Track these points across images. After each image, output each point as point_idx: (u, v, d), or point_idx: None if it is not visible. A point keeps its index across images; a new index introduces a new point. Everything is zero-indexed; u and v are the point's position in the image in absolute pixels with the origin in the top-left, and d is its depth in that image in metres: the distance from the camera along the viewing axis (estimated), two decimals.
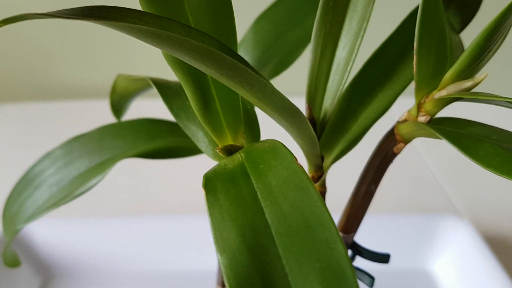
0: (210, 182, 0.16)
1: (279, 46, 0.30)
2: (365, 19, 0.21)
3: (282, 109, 0.18)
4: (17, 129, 0.76)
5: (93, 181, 0.28)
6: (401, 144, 0.22)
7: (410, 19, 0.25)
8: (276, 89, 0.17)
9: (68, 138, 0.31)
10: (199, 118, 0.19)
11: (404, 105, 0.26)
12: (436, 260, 0.45)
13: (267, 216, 0.15)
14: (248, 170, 0.17)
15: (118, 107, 0.31)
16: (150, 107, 0.49)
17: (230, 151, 0.19)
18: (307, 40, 0.29)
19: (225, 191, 0.16)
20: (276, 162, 0.16)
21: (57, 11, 0.13)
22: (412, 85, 0.23)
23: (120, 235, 0.46)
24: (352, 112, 0.24)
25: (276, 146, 0.17)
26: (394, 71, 0.24)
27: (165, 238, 0.46)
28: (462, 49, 0.23)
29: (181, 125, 0.21)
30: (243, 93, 0.18)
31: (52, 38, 0.83)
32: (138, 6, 0.17)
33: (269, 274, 0.14)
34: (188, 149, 0.30)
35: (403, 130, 0.22)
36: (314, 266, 0.14)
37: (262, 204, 0.15)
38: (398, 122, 0.22)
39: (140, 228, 0.47)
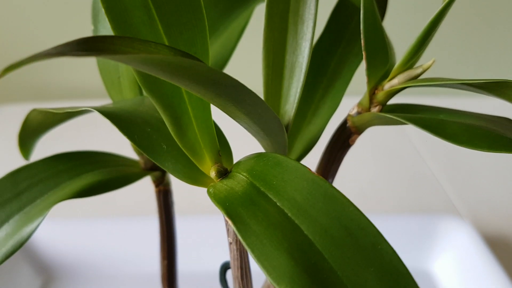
0: (231, 209, 0.15)
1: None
2: (309, 21, 0.22)
3: (266, 121, 0.18)
4: (16, 130, 0.67)
5: (23, 234, 0.24)
6: (355, 135, 0.24)
7: (332, 19, 0.26)
8: (264, 102, 0.17)
9: None
10: (179, 143, 0.18)
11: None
12: (436, 260, 0.46)
13: (306, 232, 0.14)
14: (262, 189, 0.16)
15: (27, 145, 0.27)
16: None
17: (221, 172, 0.18)
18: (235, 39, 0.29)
19: (253, 216, 0.15)
20: (290, 176, 0.16)
21: (56, 48, 0.11)
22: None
23: (120, 236, 0.46)
24: (302, 113, 0.24)
25: (279, 159, 0.17)
26: (328, 69, 0.25)
27: None
28: (388, 39, 0.25)
29: (147, 154, 0.19)
30: (231, 110, 0.17)
31: (52, 39, 0.81)
32: None
33: None
34: (122, 178, 0.28)
35: (359, 121, 0.23)
36: (369, 270, 0.14)
37: (296, 222, 0.15)
38: (350, 115, 0.23)
39: (141, 229, 0.46)
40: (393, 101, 0.24)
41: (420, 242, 0.46)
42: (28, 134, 0.26)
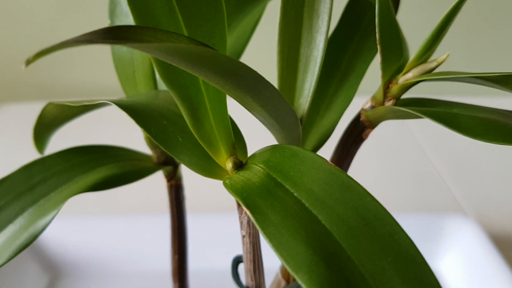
0: (248, 199, 0.15)
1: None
2: (324, 15, 0.22)
3: (281, 114, 0.18)
4: (21, 129, 0.72)
5: (38, 226, 0.24)
6: (369, 130, 0.24)
7: (346, 14, 0.26)
8: (281, 94, 0.17)
9: None
10: (196, 135, 0.18)
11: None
12: (442, 259, 0.46)
13: (324, 222, 0.15)
14: (279, 180, 0.16)
15: (42, 139, 0.28)
16: None
17: (237, 164, 0.18)
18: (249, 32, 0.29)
19: (271, 206, 0.15)
20: (306, 166, 0.16)
21: (84, 36, 0.11)
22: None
23: (128, 233, 0.46)
24: (315, 107, 0.24)
25: (295, 151, 0.17)
26: (342, 63, 0.26)
27: None
28: (402, 33, 0.25)
29: (163, 147, 0.19)
30: (248, 102, 0.17)
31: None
32: None
33: (349, 280, 0.14)
34: (135, 173, 0.28)
35: (372, 116, 0.23)
36: (386, 260, 0.14)
37: (314, 212, 0.15)
38: (364, 109, 0.23)
39: (149, 227, 0.46)
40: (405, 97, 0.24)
41: (426, 241, 0.46)
42: (43, 128, 0.26)
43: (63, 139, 0.41)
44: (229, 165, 0.18)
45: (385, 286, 0.13)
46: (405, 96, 0.23)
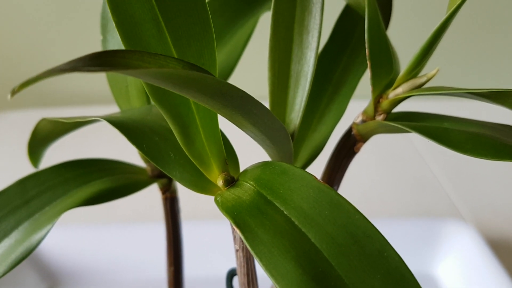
0: (239, 218, 0.15)
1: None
2: (314, 31, 0.22)
3: (272, 130, 0.18)
4: (21, 136, 0.69)
5: (33, 241, 0.24)
6: (360, 143, 0.24)
7: (337, 28, 0.27)
8: (270, 111, 0.17)
9: None
10: (187, 153, 0.18)
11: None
12: (440, 264, 0.46)
13: (313, 241, 0.15)
14: (270, 198, 0.16)
15: (36, 154, 0.28)
16: None
17: (228, 181, 0.18)
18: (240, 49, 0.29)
19: (261, 225, 0.15)
20: (296, 184, 0.16)
21: (69, 63, 0.11)
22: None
23: (125, 242, 0.46)
24: (307, 121, 0.25)
25: (285, 168, 0.17)
26: (334, 77, 0.26)
27: None
28: (393, 48, 0.25)
29: (155, 163, 0.19)
30: (238, 120, 0.17)
31: (56, 44, 0.84)
32: None
33: None
34: (130, 186, 0.28)
35: (363, 130, 0.23)
36: (375, 277, 0.14)
37: (303, 230, 0.15)
38: (355, 123, 0.24)
39: (146, 235, 0.46)
40: (400, 105, 0.24)
41: (424, 246, 0.46)
42: (38, 143, 0.26)
43: (58, 151, 0.42)
44: (220, 182, 0.18)
45: None
46: (406, 104, 0.23)
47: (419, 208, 0.58)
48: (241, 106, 0.16)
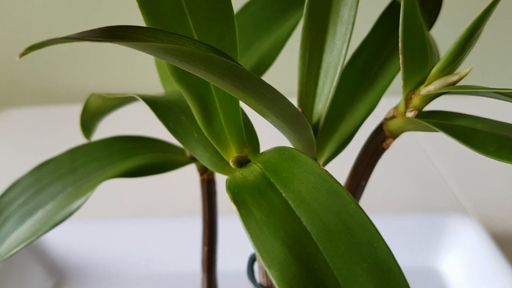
0: (238, 195, 0.16)
1: (248, 56, 0.30)
2: (349, 23, 0.22)
3: (288, 116, 0.19)
4: (24, 133, 0.76)
5: (74, 206, 0.27)
6: (390, 140, 0.23)
7: (380, 22, 0.26)
8: (285, 97, 0.18)
9: (36, 164, 0.29)
10: (205, 132, 0.19)
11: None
12: (444, 258, 0.46)
13: (305, 224, 0.15)
14: (272, 180, 0.17)
15: (88, 127, 0.30)
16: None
17: (241, 162, 0.19)
18: (279, 47, 0.29)
19: (257, 204, 0.16)
20: (299, 169, 0.16)
21: (78, 33, 0.13)
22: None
23: (131, 237, 0.46)
24: (339, 113, 0.25)
25: (293, 153, 0.17)
26: (372, 71, 0.25)
27: (177, 239, 0.46)
28: (436, 45, 0.25)
29: (179, 141, 0.21)
30: (252, 104, 0.18)
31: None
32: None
33: (320, 281, 0.14)
34: (168, 164, 0.29)
35: (393, 126, 0.23)
36: (361, 266, 0.14)
37: (297, 213, 0.15)
38: (386, 119, 0.23)
39: (152, 230, 0.47)
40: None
41: (428, 241, 0.46)
42: (89, 116, 0.29)
43: (115, 128, 0.44)
44: (231, 162, 0.19)
45: None
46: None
47: (423, 203, 0.58)
48: (252, 88, 0.16)
